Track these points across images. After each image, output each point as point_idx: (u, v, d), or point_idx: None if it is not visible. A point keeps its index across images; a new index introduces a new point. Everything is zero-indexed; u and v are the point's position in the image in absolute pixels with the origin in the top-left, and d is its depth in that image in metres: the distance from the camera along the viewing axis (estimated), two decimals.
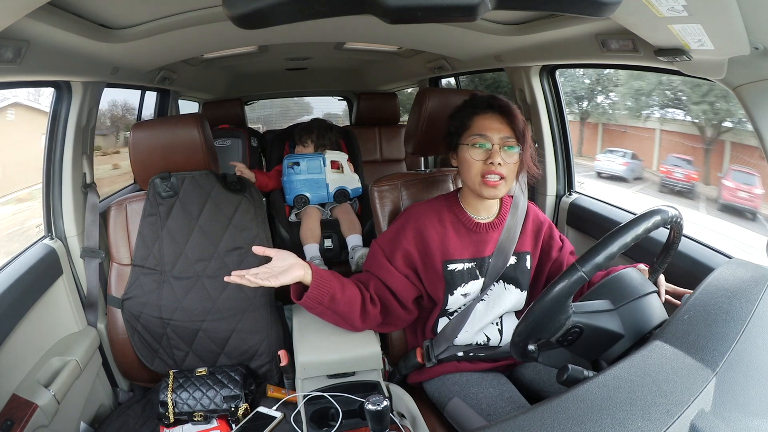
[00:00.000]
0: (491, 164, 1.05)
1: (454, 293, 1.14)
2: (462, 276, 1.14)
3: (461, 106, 1.15)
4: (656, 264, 0.97)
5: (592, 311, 0.77)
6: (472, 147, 1.07)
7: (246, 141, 2.55)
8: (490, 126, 1.07)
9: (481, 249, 1.16)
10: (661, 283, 1.03)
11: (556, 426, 0.54)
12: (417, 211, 1.16)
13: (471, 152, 1.07)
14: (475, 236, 1.16)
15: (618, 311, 0.77)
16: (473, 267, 1.15)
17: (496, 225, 1.17)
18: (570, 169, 1.78)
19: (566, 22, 1.23)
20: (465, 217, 1.16)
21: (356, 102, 3.10)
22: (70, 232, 1.43)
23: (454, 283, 1.14)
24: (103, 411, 1.42)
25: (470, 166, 1.08)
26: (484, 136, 1.07)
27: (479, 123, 1.08)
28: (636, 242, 0.75)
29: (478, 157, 1.07)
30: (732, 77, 0.95)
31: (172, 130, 1.41)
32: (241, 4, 0.48)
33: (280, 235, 2.03)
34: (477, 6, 0.48)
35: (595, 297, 0.81)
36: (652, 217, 0.77)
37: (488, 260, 1.15)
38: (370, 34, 1.86)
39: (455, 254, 1.14)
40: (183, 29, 1.30)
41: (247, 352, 1.44)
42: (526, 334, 0.79)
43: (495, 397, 1.08)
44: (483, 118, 1.08)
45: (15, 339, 1.14)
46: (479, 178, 1.07)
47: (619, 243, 0.74)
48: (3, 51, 0.94)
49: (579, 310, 0.77)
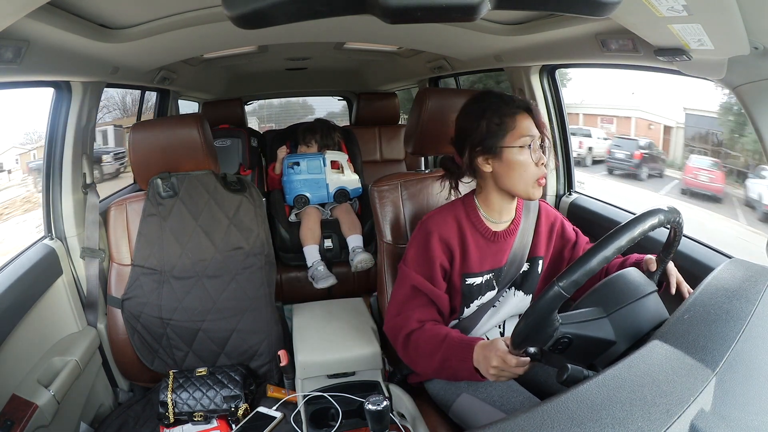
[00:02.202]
0: (543, 165, 1.03)
1: (470, 305, 1.13)
2: (480, 289, 1.12)
3: (494, 105, 1.05)
4: (661, 254, 0.96)
5: (581, 321, 0.77)
6: (527, 149, 1.02)
7: (246, 141, 2.54)
8: (530, 126, 1.04)
9: (499, 259, 1.12)
10: (671, 273, 0.99)
11: (556, 426, 0.54)
12: (436, 221, 1.10)
13: (527, 155, 1.02)
14: (493, 246, 1.12)
15: (609, 318, 0.77)
16: (491, 278, 1.12)
17: (512, 231, 1.13)
18: (570, 169, 1.78)
19: (566, 22, 1.23)
20: (483, 227, 1.11)
21: (356, 102, 3.10)
22: (70, 232, 1.43)
23: (471, 296, 1.12)
24: (103, 411, 1.42)
25: (525, 169, 1.02)
26: (532, 137, 1.03)
27: (522, 123, 1.03)
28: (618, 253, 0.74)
29: (533, 159, 1.03)
30: (732, 77, 0.95)
31: (172, 130, 1.41)
32: (240, 4, 0.48)
33: (280, 235, 2.03)
34: (477, 6, 0.48)
35: (588, 303, 0.81)
36: (638, 226, 0.76)
37: (503, 269, 1.13)
38: (370, 34, 1.86)
39: (475, 267, 1.10)
40: (183, 29, 1.30)
41: (247, 352, 1.44)
42: (521, 340, 0.80)
43: (505, 390, 1.07)
44: (523, 118, 1.04)
45: (15, 339, 1.14)
46: (533, 181, 1.03)
47: (599, 258, 0.73)
48: (3, 51, 0.94)
49: (567, 321, 0.77)
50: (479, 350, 0.93)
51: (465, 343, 0.96)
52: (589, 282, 0.80)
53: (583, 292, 0.86)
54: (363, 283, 2.05)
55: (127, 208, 1.44)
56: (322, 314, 1.44)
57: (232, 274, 1.45)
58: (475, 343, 0.95)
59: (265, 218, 1.51)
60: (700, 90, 3.82)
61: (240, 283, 1.45)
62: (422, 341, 1.03)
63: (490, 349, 0.90)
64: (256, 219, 1.48)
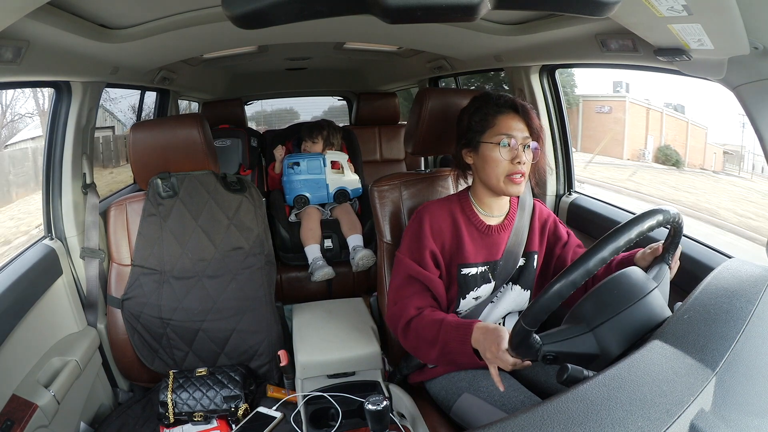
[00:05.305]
0: (518, 163, 1.07)
1: (466, 297, 1.15)
2: (475, 280, 1.14)
3: (481, 103, 1.13)
4: (666, 244, 0.95)
5: (562, 339, 0.78)
6: (500, 146, 1.08)
7: (246, 141, 2.54)
8: (515, 126, 1.09)
9: (493, 252, 1.16)
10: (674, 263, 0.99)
11: (556, 426, 0.54)
12: (431, 210, 1.16)
13: (498, 151, 1.08)
14: (488, 239, 1.16)
15: (594, 332, 0.77)
16: (486, 271, 1.15)
17: (506, 226, 1.17)
18: (570, 168, 1.78)
19: (566, 22, 1.23)
20: (477, 219, 1.16)
21: (356, 102, 3.10)
22: (70, 232, 1.43)
23: (467, 287, 1.14)
24: (103, 411, 1.42)
25: (497, 164, 1.09)
26: (510, 136, 1.08)
27: (504, 122, 1.09)
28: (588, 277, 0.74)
29: (505, 156, 1.08)
30: (732, 77, 0.95)
31: (172, 130, 1.41)
32: (240, 4, 0.48)
33: (280, 235, 2.03)
34: (477, 6, 0.48)
35: (571, 320, 0.81)
36: (636, 227, 0.75)
37: (499, 263, 1.16)
38: (370, 34, 1.86)
39: (469, 258, 1.14)
40: (183, 29, 1.30)
41: (247, 352, 1.44)
42: (514, 348, 0.82)
43: (506, 390, 1.08)
44: (507, 117, 1.10)
45: (15, 339, 1.14)
46: (504, 177, 1.09)
47: (596, 259, 0.73)
48: (3, 51, 0.94)
49: (549, 340, 0.78)
50: (478, 332, 0.94)
51: (463, 324, 0.98)
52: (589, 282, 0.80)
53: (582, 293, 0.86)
54: (363, 283, 2.05)
55: (127, 208, 1.44)
56: (322, 314, 1.44)
57: (232, 274, 1.45)
58: (474, 325, 0.96)
59: (265, 218, 1.51)
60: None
61: (240, 283, 1.45)
62: (422, 327, 1.05)
63: (491, 340, 0.90)
64: (256, 219, 1.48)
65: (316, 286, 2.00)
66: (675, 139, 3.79)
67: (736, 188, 3.25)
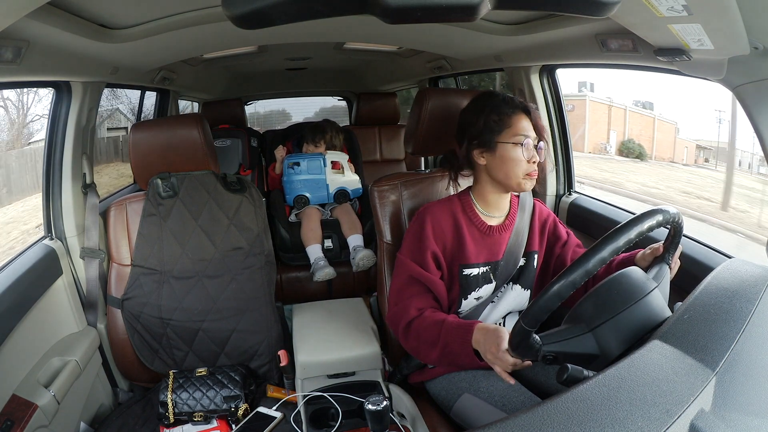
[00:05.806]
0: (534, 163, 1.10)
1: (468, 297, 1.15)
2: (477, 280, 1.15)
3: (495, 104, 1.13)
4: (666, 244, 0.95)
5: (562, 339, 0.79)
6: (522, 146, 1.10)
7: (246, 141, 2.55)
8: (527, 127, 1.11)
9: (494, 252, 1.16)
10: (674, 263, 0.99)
11: (556, 426, 0.54)
12: (432, 211, 1.16)
13: (520, 151, 1.10)
14: (489, 239, 1.16)
15: (594, 332, 0.77)
16: (487, 271, 1.16)
17: (506, 227, 1.18)
18: (570, 168, 1.78)
19: (566, 22, 1.23)
20: (478, 220, 1.16)
21: (356, 102, 3.10)
22: (70, 232, 1.43)
23: (469, 287, 1.14)
24: (103, 411, 1.42)
25: (516, 164, 1.10)
26: (527, 136, 1.10)
27: (519, 123, 1.11)
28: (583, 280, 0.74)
29: (525, 156, 1.10)
30: (732, 77, 0.95)
31: (172, 131, 1.41)
32: (240, 4, 0.48)
33: (280, 235, 2.03)
34: (477, 6, 0.48)
35: (571, 320, 0.81)
36: (635, 228, 0.76)
37: (500, 263, 1.16)
38: (370, 34, 1.86)
39: (471, 258, 1.14)
40: (183, 29, 1.30)
41: (247, 352, 1.44)
42: (514, 349, 0.82)
43: (506, 389, 1.08)
44: (520, 118, 1.12)
45: (15, 339, 1.14)
46: (523, 176, 1.10)
47: (595, 260, 0.73)
48: (3, 51, 0.94)
49: (549, 340, 0.78)
50: (479, 332, 0.95)
51: (464, 325, 0.99)
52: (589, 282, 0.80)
53: (582, 293, 0.86)
54: (363, 283, 2.05)
55: (127, 208, 1.44)
56: (322, 314, 1.44)
57: (232, 274, 1.45)
58: (474, 326, 0.97)
59: (265, 218, 1.51)
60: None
61: (240, 283, 1.45)
62: (422, 328, 1.05)
63: (491, 341, 0.91)
64: (256, 219, 1.48)
65: (316, 286, 2.00)
66: (641, 134, 3.86)
67: (694, 176, 3.35)
